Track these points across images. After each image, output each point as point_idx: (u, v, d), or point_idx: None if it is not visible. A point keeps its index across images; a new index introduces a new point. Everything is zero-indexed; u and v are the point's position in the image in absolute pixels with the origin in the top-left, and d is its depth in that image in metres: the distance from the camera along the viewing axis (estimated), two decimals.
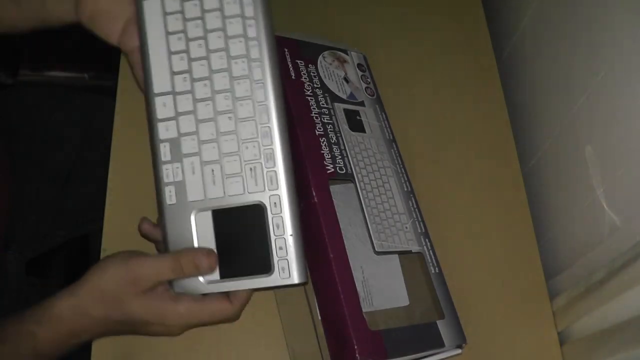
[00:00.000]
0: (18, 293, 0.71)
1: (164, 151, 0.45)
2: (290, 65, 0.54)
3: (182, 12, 0.46)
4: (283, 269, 0.44)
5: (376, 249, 0.49)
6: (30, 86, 0.82)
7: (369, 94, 0.59)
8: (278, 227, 0.44)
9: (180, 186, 0.45)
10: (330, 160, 0.50)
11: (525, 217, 0.60)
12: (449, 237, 0.57)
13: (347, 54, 0.61)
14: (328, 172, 0.50)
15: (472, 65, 0.67)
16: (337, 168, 0.50)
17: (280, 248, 0.44)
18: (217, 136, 0.45)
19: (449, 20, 0.69)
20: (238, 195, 0.44)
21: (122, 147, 0.59)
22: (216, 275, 0.44)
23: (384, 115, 0.59)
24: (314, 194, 0.48)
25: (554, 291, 0.57)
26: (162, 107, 0.46)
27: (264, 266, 0.44)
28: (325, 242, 0.47)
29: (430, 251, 0.52)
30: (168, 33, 0.46)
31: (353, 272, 0.47)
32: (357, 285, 0.47)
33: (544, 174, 0.62)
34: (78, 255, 0.88)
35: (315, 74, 0.56)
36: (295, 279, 0.43)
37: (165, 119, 0.45)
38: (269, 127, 0.45)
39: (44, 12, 0.51)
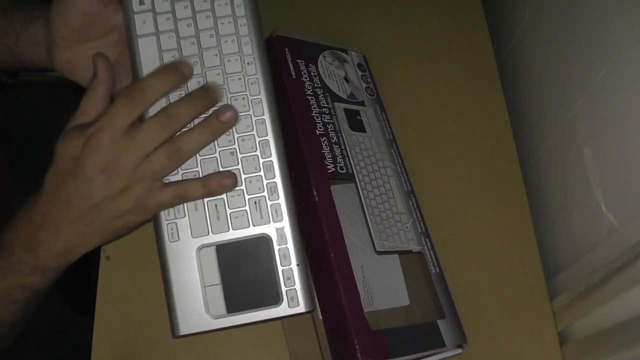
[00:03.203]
0: None
1: None
2: (290, 65, 0.54)
3: (179, 50, 0.46)
4: (292, 298, 0.44)
5: (377, 249, 0.49)
6: (30, 86, 0.82)
7: (369, 94, 0.59)
8: (285, 257, 0.45)
9: (183, 223, 0.45)
10: (331, 160, 0.50)
11: (525, 217, 0.60)
12: (449, 237, 0.57)
13: (347, 54, 0.61)
14: (329, 171, 0.50)
15: (472, 65, 0.67)
16: (338, 167, 0.50)
17: (288, 278, 0.44)
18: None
19: (449, 20, 0.69)
20: (243, 229, 0.45)
21: None
22: (223, 309, 0.44)
23: (384, 115, 0.59)
24: (315, 193, 0.48)
25: (554, 291, 0.57)
26: None
27: (273, 297, 0.44)
28: (326, 241, 0.47)
29: (431, 251, 0.52)
30: None
31: (354, 271, 0.47)
32: (357, 285, 0.47)
33: (544, 174, 0.62)
34: None
35: (316, 73, 0.56)
36: (303, 307, 0.44)
37: None
38: (271, 161, 0.45)
39: (17, 51, 0.49)
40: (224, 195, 0.45)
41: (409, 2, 0.70)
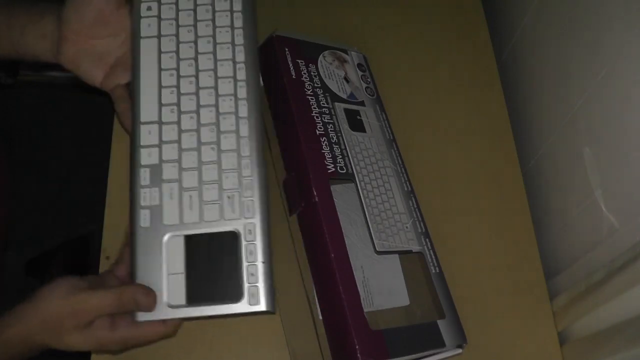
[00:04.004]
0: (17, 294, 0.71)
1: (144, 176, 0.46)
2: (290, 65, 0.54)
3: (177, 52, 0.49)
4: (253, 295, 0.44)
5: (377, 249, 0.49)
6: (30, 86, 0.82)
7: (369, 94, 0.59)
8: (251, 253, 0.45)
9: (157, 210, 0.46)
10: (331, 160, 0.50)
11: (525, 217, 0.60)
12: (450, 237, 0.57)
13: (347, 54, 0.61)
14: (329, 171, 0.50)
15: (472, 65, 0.67)
16: (338, 167, 0.50)
17: (252, 274, 0.45)
18: (198, 165, 0.47)
19: (449, 20, 0.69)
20: (214, 221, 0.46)
21: (122, 147, 0.59)
22: (183, 299, 0.44)
23: (384, 115, 0.59)
24: (315, 193, 0.48)
25: (554, 291, 0.57)
26: (147, 135, 0.47)
27: (234, 293, 0.44)
28: (326, 241, 0.47)
29: (431, 251, 0.52)
30: (161, 69, 0.49)
31: (354, 271, 0.47)
32: (357, 285, 0.47)
33: (544, 174, 0.62)
34: (78, 255, 0.88)
35: (316, 73, 0.56)
36: (263, 306, 0.44)
37: (148, 145, 0.47)
38: (250, 159, 0.47)
39: (21, 45, 0.50)
40: (200, 186, 0.46)
41: (409, 2, 0.70)
